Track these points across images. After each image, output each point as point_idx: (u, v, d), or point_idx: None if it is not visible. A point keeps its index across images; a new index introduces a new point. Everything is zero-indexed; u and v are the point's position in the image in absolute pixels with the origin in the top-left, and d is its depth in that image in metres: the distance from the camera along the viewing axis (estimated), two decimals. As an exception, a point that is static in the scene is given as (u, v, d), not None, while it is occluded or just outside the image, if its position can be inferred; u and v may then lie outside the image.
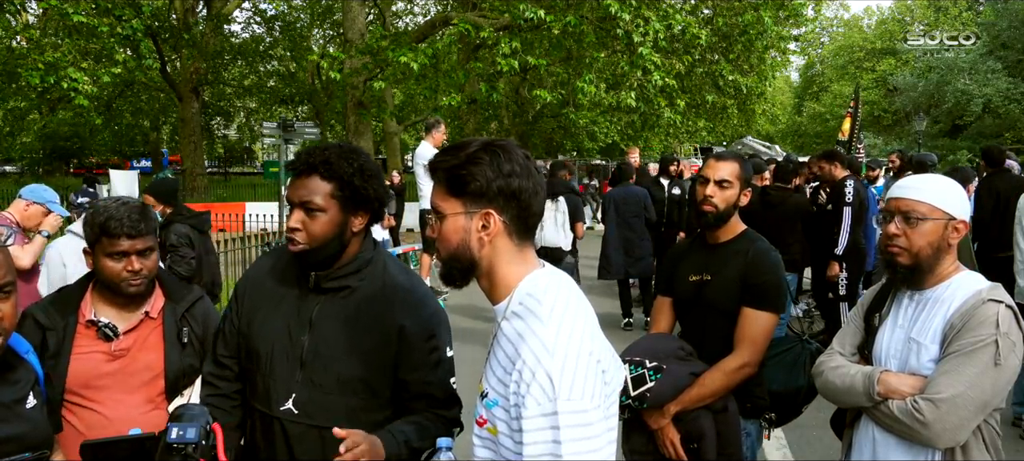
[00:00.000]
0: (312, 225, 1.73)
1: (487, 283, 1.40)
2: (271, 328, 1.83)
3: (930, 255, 1.90)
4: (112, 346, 2.08)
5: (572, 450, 1.21)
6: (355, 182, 1.73)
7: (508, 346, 1.33)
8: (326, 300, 1.80)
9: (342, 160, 1.74)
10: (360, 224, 1.80)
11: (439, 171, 1.38)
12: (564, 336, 1.28)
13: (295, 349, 1.78)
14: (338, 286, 1.80)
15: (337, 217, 1.74)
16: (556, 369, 1.24)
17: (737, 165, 2.48)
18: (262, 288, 1.89)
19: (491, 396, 1.34)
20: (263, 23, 28.82)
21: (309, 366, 1.76)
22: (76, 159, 37.85)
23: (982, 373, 1.77)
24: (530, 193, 1.35)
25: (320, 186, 1.73)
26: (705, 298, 2.45)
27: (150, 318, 2.15)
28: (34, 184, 4.43)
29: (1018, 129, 28.58)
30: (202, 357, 2.16)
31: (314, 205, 1.72)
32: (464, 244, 1.36)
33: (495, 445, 1.33)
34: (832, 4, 37.66)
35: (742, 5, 14.88)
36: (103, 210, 2.05)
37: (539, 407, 1.23)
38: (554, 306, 1.32)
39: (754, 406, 2.43)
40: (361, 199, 1.76)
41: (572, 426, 1.22)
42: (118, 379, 2.08)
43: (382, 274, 1.84)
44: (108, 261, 2.04)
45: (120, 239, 2.01)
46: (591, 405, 1.25)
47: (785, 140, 40.51)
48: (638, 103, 14.24)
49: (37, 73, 11.59)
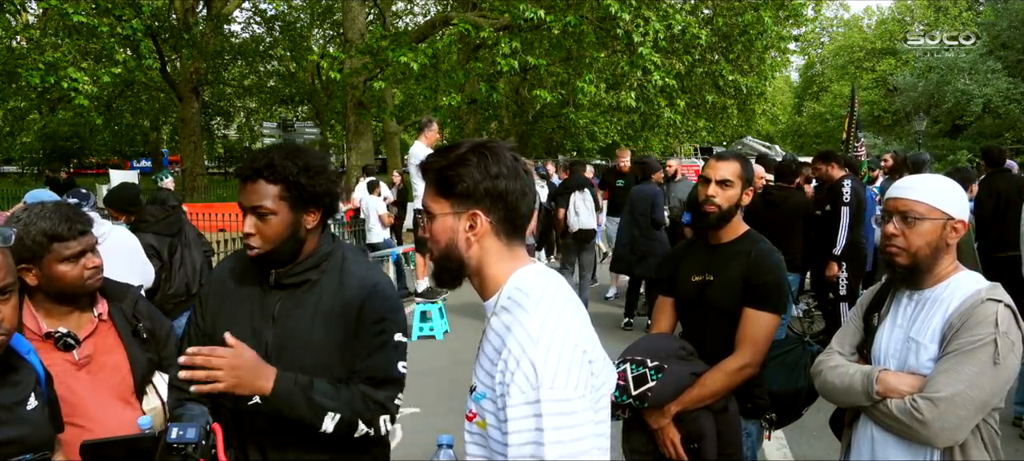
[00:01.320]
0: (265, 229, 1.77)
1: (477, 282, 1.43)
2: (235, 327, 1.84)
3: (928, 255, 1.90)
4: (76, 355, 2.03)
5: (554, 438, 1.21)
6: (301, 181, 1.76)
7: (495, 339, 1.35)
8: (287, 295, 1.84)
9: (286, 161, 1.76)
10: (313, 221, 1.83)
11: (429, 172, 1.41)
12: (549, 326, 1.29)
13: (259, 345, 1.80)
14: (298, 281, 1.84)
15: (288, 217, 1.77)
16: (540, 358, 1.25)
17: (738, 164, 2.48)
18: (224, 289, 1.92)
19: (479, 389, 1.36)
20: (263, 23, 28.83)
21: (274, 360, 1.78)
22: (76, 159, 37.85)
23: (981, 372, 1.77)
24: (517, 194, 1.37)
25: (267, 189, 1.76)
26: (707, 298, 2.45)
27: (103, 321, 2.12)
28: (37, 190, 4.36)
29: (1018, 129, 28.59)
30: (157, 350, 2.20)
31: (264, 209, 1.75)
32: (452, 244, 1.39)
33: (485, 438, 1.34)
34: (832, 4, 37.73)
35: (742, 5, 14.89)
36: (40, 217, 1.96)
37: (523, 395, 1.23)
38: (541, 299, 1.33)
39: (755, 406, 2.43)
40: (309, 197, 1.79)
41: (554, 415, 1.22)
42: (89, 387, 2.04)
43: (340, 265, 1.87)
44: (64, 267, 1.98)
45: (73, 241, 1.97)
46: (575, 394, 1.24)
47: (785, 140, 40.52)
48: (638, 103, 14.24)
49: (37, 73, 11.59)
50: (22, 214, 2.01)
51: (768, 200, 6.29)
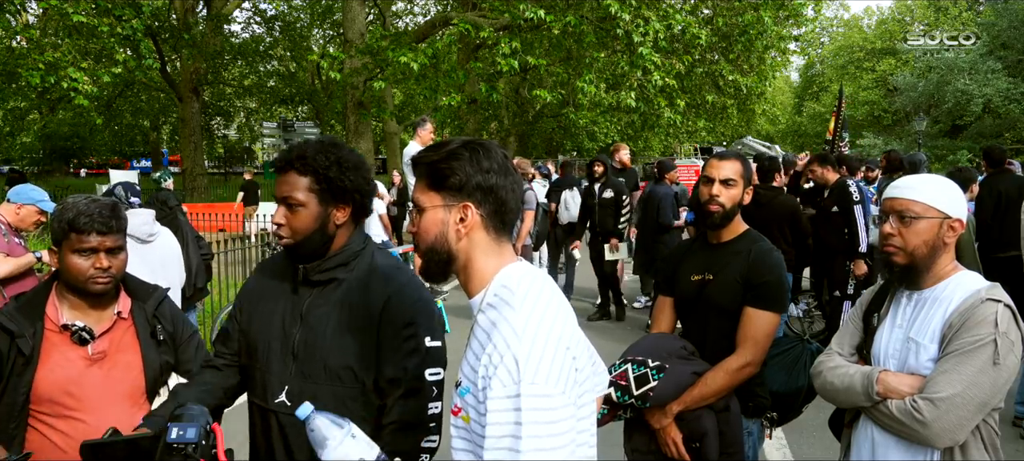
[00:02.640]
0: (293, 220, 1.77)
1: (465, 276, 1.43)
2: (268, 323, 1.86)
3: (926, 254, 1.91)
4: (90, 350, 2.03)
5: (531, 432, 1.19)
6: (331, 175, 1.76)
7: (482, 335, 1.35)
8: (316, 293, 1.83)
9: (319, 154, 1.76)
10: (343, 216, 1.82)
11: (421, 166, 1.42)
12: (534, 322, 1.29)
13: (288, 342, 1.81)
14: (326, 278, 1.83)
15: (317, 210, 1.78)
16: (523, 353, 1.24)
17: (739, 164, 2.48)
18: (261, 286, 1.94)
19: (464, 384, 1.36)
20: (263, 23, 28.86)
21: (300, 358, 1.79)
22: (76, 159, 37.87)
23: (981, 372, 1.77)
24: (507, 190, 1.40)
25: (298, 181, 1.76)
26: (707, 297, 2.45)
27: (122, 319, 2.12)
28: (20, 185, 4.33)
29: (1018, 129, 28.60)
30: (175, 353, 2.19)
31: (294, 200, 1.76)
32: (442, 236, 1.40)
33: (469, 433, 1.34)
34: (832, 4, 37.73)
35: (742, 5, 14.88)
36: (72, 206, 2.00)
37: (503, 389, 1.23)
38: (527, 295, 1.34)
39: (756, 405, 2.43)
40: (339, 191, 1.78)
41: (533, 410, 1.20)
42: (100, 383, 2.03)
43: (369, 265, 1.85)
44: (76, 258, 1.98)
45: (90, 235, 1.96)
46: (556, 391, 1.23)
47: (785, 140, 40.51)
48: (638, 103, 14.23)
49: (37, 73, 11.57)
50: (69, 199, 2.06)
51: (755, 199, 6.26)
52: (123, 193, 4.37)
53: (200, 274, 5.15)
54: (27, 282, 3.90)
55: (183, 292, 4.72)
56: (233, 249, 8.42)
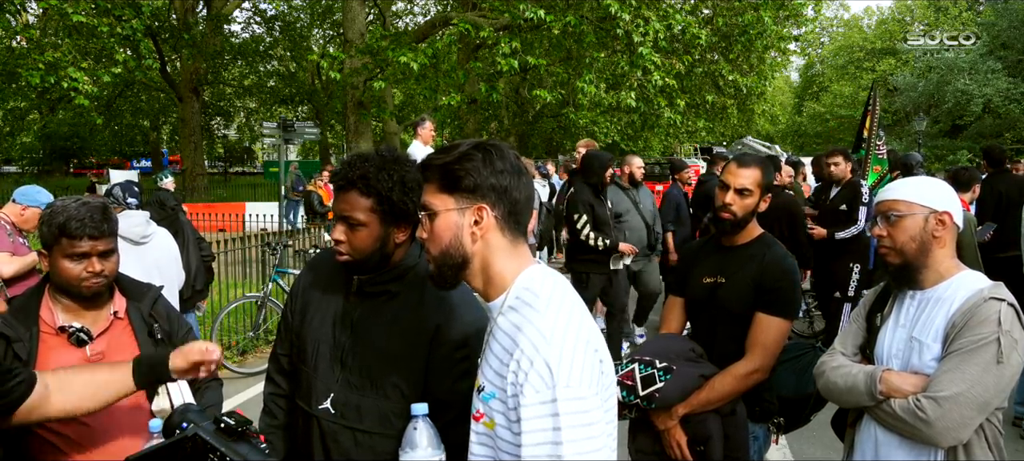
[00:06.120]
0: (354, 238, 1.73)
1: (481, 281, 1.40)
2: (319, 327, 1.84)
3: (916, 249, 1.92)
4: (88, 351, 2.00)
5: (572, 437, 1.20)
6: (394, 197, 1.70)
7: (505, 339, 1.33)
8: (368, 304, 1.80)
9: (381, 173, 1.70)
10: (403, 236, 1.77)
11: (432, 168, 1.39)
12: (561, 325, 1.28)
13: (337, 349, 1.79)
14: (379, 291, 1.79)
15: (378, 231, 1.73)
16: (554, 357, 1.23)
17: (759, 172, 2.44)
18: (315, 288, 1.90)
19: (487, 389, 1.34)
20: (263, 23, 28.85)
21: (348, 367, 1.77)
22: (76, 159, 37.84)
23: (984, 371, 1.77)
24: (520, 190, 1.39)
25: (360, 201, 1.71)
26: (718, 300, 2.44)
27: (119, 319, 2.10)
28: (26, 186, 4.34)
29: (1018, 129, 28.61)
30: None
31: (355, 220, 1.71)
32: (457, 240, 1.37)
33: (492, 439, 1.32)
34: (832, 4, 37.73)
35: (742, 5, 14.87)
36: (62, 210, 1.94)
37: (537, 395, 1.22)
38: (551, 297, 1.33)
39: (763, 410, 2.42)
40: (401, 213, 1.73)
41: (572, 414, 1.21)
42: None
43: (422, 279, 1.76)
44: (67, 262, 1.94)
45: (81, 240, 1.93)
46: (590, 393, 1.24)
47: (785, 140, 40.50)
48: (638, 103, 14.22)
49: (37, 73, 11.56)
50: (58, 202, 2.02)
51: None
52: (120, 193, 4.36)
53: (199, 276, 5.09)
54: (31, 281, 3.91)
55: (181, 294, 4.67)
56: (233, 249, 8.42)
